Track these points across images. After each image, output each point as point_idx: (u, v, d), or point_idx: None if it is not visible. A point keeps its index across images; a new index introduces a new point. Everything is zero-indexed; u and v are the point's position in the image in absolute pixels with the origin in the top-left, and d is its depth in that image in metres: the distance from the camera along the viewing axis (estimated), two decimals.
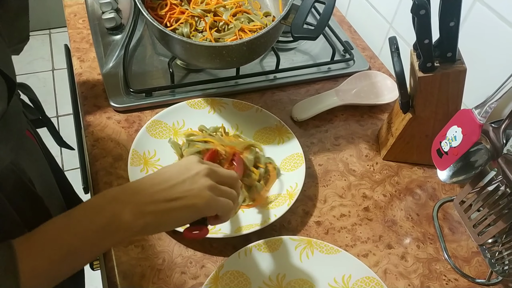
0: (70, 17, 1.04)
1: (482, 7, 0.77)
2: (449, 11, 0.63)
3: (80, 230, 0.46)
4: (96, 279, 1.12)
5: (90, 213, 0.47)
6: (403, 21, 0.99)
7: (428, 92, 0.72)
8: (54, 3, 2.45)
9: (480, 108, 0.60)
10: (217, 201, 0.52)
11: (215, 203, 0.52)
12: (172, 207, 0.49)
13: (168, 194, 0.50)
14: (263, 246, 0.66)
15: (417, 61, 0.71)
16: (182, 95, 0.88)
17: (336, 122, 0.91)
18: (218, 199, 0.52)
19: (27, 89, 0.77)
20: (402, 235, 0.74)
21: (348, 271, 0.66)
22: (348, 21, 1.17)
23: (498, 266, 0.66)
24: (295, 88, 0.96)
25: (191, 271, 0.65)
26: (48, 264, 0.44)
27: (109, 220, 0.46)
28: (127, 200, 0.48)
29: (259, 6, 0.90)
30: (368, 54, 1.07)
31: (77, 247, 0.45)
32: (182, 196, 0.50)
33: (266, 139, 0.83)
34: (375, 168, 0.83)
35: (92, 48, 0.97)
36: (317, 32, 0.73)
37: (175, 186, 0.51)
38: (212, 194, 0.52)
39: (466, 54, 0.71)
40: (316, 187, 0.79)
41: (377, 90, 0.95)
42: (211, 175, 0.53)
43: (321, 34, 0.73)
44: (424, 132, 0.78)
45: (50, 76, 2.35)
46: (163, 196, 0.50)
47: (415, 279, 0.69)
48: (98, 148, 0.79)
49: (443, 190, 0.81)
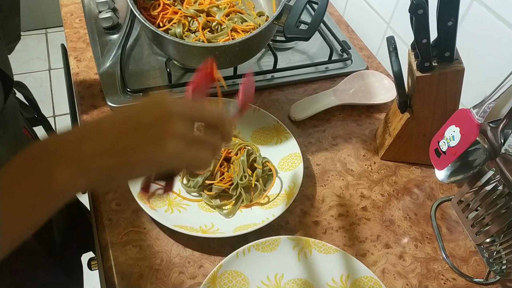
0: (66, 17, 1.04)
1: (480, 7, 0.77)
2: (447, 10, 0.63)
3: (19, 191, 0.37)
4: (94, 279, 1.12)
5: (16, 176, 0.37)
6: (400, 20, 0.99)
7: (426, 92, 0.72)
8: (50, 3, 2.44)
9: (478, 107, 0.61)
10: (184, 154, 0.40)
11: (182, 156, 0.40)
12: (124, 160, 0.38)
13: (121, 143, 0.38)
14: (261, 246, 0.66)
15: (415, 60, 0.71)
16: (179, 95, 0.88)
17: (333, 122, 0.91)
18: (187, 152, 0.40)
19: (22, 87, 0.77)
20: (400, 234, 0.74)
21: (346, 271, 0.66)
22: (346, 21, 1.17)
23: (496, 266, 0.66)
24: (293, 88, 0.96)
25: (189, 271, 0.65)
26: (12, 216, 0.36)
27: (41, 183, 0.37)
28: (62, 155, 0.37)
29: (253, 5, 0.89)
30: (365, 54, 1.07)
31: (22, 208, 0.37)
32: (138, 146, 0.38)
33: (264, 139, 0.83)
34: (373, 168, 0.83)
35: (89, 48, 0.96)
36: (309, 32, 0.73)
37: (130, 134, 0.39)
38: (179, 146, 0.39)
39: (464, 54, 0.71)
40: (314, 187, 0.79)
41: (374, 90, 0.95)
42: (184, 116, 0.40)
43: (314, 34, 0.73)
44: (422, 131, 0.78)
45: (47, 75, 2.34)
46: (113, 147, 0.38)
47: (413, 278, 0.69)
48: None
49: (441, 190, 0.81)
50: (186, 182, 0.74)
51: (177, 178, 0.43)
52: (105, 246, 0.66)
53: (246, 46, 0.76)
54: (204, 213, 0.71)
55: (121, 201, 0.72)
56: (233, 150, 0.75)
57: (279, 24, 0.75)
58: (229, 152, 0.75)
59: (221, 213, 0.71)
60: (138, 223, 0.69)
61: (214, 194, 0.72)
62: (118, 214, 0.70)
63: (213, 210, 0.72)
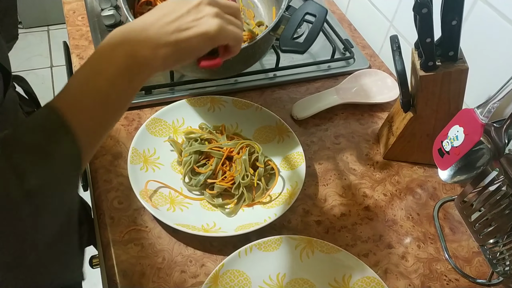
0: (69, 14, 1.04)
1: (484, 6, 0.76)
2: (451, 9, 0.63)
3: (105, 77, 0.45)
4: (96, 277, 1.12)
5: (109, 58, 0.46)
6: (403, 19, 0.99)
7: (430, 91, 0.72)
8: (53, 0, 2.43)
9: (483, 107, 0.60)
10: (227, 28, 0.52)
11: (225, 30, 0.52)
12: (185, 36, 0.49)
13: (177, 25, 0.49)
14: (263, 245, 0.66)
15: (418, 59, 0.71)
16: (181, 93, 0.87)
17: (336, 121, 0.90)
18: (227, 27, 0.52)
19: (22, 81, 0.76)
20: (402, 234, 0.74)
21: (349, 271, 0.66)
22: (348, 19, 1.17)
23: (499, 267, 0.66)
24: (295, 87, 0.96)
25: (191, 270, 0.65)
26: (90, 115, 0.44)
27: (128, 59, 0.46)
28: (138, 38, 0.47)
29: (253, 15, 0.89)
30: (368, 53, 1.07)
31: (109, 94, 0.45)
32: (192, 26, 0.50)
33: (266, 137, 0.82)
34: (375, 167, 0.83)
35: (91, 45, 0.96)
36: (304, 46, 0.71)
37: (182, 17, 0.50)
38: (222, 21, 0.51)
39: (468, 53, 0.70)
40: (316, 186, 0.78)
41: (377, 89, 0.95)
42: (213, 3, 0.52)
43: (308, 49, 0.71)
44: (425, 131, 0.78)
45: (49, 73, 2.34)
46: (173, 27, 0.49)
47: (416, 279, 0.68)
48: None
49: (443, 190, 0.81)
50: (188, 180, 0.74)
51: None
52: (107, 244, 0.66)
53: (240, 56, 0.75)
54: (206, 212, 0.71)
55: (123, 199, 0.71)
56: (235, 149, 0.75)
57: (276, 35, 0.73)
58: (231, 151, 0.74)
59: (223, 212, 0.71)
60: (140, 221, 0.69)
61: (216, 193, 0.72)
62: (120, 212, 0.70)
63: (215, 209, 0.72)
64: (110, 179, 0.74)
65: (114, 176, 0.74)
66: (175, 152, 0.77)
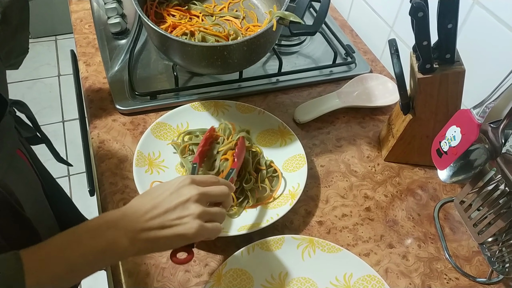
0: (76, 23, 1.06)
1: (480, 10, 0.78)
2: (447, 13, 0.64)
3: (82, 251, 0.49)
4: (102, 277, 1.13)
5: (92, 236, 0.50)
6: (403, 24, 1.00)
7: (428, 93, 0.73)
8: (60, 10, 2.48)
9: (478, 108, 0.62)
10: (206, 229, 0.54)
11: (204, 231, 0.54)
12: (163, 235, 0.52)
13: (160, 222, 0.53)
14: (265, 245, 0.67)
15: (416, 62, 0.72)
16: (186, 98, 0.89)
17: (338, 124, 0.92)
18: (206, 227, 0.55)
19: (23, 106, 0.78)
20: (403, 234, 0.75)
21: (350, 270, 0.67)
22: (350, 25, 1.18)
23: (498, 265, 0.67)
24: (298, 91, 0.98)
25: (194, 270, 0.66)
26: (51, 278, 0.47)
27: (108, 245, 0.50)
28: (125, 228, 0.51)
29: (255, 16, 0.91)
30: (369, 58, 1.08)
31: (78, 265, 0.48)
32: (173, 224, 0.53)
33: (268, 140, 0.84)
34: (376, 169, 0.84)
35: (98, 53, 0.99)
36: (315, 27, 0.74)
37: (167, 214, 0.53)
38: (201, 223, 0.54)
39: (466, 56, 0.72)
40: (318, 187, 0.80)
41: (378, 93, 0.97)
42: (201, 199, 0.55)
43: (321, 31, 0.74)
44: (424, 133, 0.79)
45: (56, 81, 2.38)
46: (156, 223, 0.52)
47: (416, 278, 0.69)
48: (103, 149, 0.80)
49: (444, 191, 0.82)
50: None
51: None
52: None
53: (253, 45, 0.77)
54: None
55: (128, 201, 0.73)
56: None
57: (284, 24, 0.76)
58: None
59: (227, 214, 0.72)
60: None
61: None
62: None
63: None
64: (116, 181, 0.76)
65: (119, 179, 0.76)
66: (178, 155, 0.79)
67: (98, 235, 0.50)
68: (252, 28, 0.87)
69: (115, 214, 0.52)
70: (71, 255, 0.48)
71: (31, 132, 0.80)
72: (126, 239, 0.50)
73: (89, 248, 0.49)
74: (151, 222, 0.52)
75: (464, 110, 0.64)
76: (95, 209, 1.43)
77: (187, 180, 0.56)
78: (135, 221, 0.52)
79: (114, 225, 0.51)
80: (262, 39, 0.77)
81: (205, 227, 0.54)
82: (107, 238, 0.50)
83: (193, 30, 0.81)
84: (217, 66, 0.79)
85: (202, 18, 0.88)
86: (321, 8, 0.76)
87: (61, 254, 0.48)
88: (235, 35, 0.80)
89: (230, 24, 0.88)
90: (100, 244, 0.49)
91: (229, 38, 0.81)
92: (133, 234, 0.51)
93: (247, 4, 0.93)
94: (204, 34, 0.80)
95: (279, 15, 0.75)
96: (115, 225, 0.51)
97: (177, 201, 0.54)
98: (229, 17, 0.89)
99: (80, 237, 0.50)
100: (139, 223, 0.52)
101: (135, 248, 0.51)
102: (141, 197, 0.55)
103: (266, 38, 0.79)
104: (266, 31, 0.75)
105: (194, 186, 0.56)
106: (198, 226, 0.53)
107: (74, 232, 0.50)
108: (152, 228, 0.52)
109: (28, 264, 0.45)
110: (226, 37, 0.81)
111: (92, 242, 0.49)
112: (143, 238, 0.52)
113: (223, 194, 0.58)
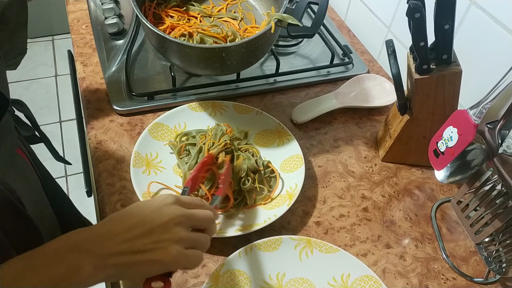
0: (73, 23, 1.06)
1: (477, 11, 0.78)
2: (444, 14, 0.64)
3: (37, 279, 0.43)
4: None
5: (49, 261, 0.44)
6: (401, 25, 1.01)
7: (425, 94, 0.73)
8: (57, 10, 2.47)
9: (475, 108, 0.62)
10: (185, 256, 0.49)
11: (182, 258, 0.49)
12: (136, 260, 0.47)
13: (135, 245, 0.47)
14: (263, 246, 0.67)
15: (413, 63, 0.72)
16: (183, 99, 0.89)
17: (335, 125, 0.92)
18: (186, 254, 0.49)
19: (22, 105, 0.78)
20: (400, 235, 0.75)
21: (347, 270, 0.67)
22: (347, 26, 1.19)
23: (495, 265, 0.67)
24: (295, 91, 0.98)
25: (192, 270, 0.66)
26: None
27: (67, 272, 0.43)
28: (89, 250, 0.45)
29: (253, 17, 0.91)
30: (366, 58, 1.08)
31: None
32: (148, 249, 0.47)
33: (266, 141, 0.84)
34: (374, 170, 0.84)
35: (95, 53, 0.98)
36: (313, 29, 0.74)
37: (144, 236, 0.47)
38: (181, 249, 0.48)
39: (462, 56, 0.72)
40: (316, 188, 0.80)
41: (375, 93, 0.97)
42: (184, 222, 0.50)
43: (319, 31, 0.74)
44: (421, 133, 0.79)
45: (53, 82, 2.37)
46: (128, 247, 0.46)
47: (414, 278, 0.70)
48: (101, 150, 0.80)
49: (441, 191, 0.82)
50: None
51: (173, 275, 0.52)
52: None
53: (252, 47, 0.77)
54: None
55: (126, 202, 0.73)
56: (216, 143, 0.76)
57: (282, 26, 0.76)
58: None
59: (224, 214, 0.72)
60: None
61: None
62: None
63: None
64: (113, 182, 0.76)
65: (117, 180, 0.76)
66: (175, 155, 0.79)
67: (57, 260, 0.44)
68: (250, 29, 0.87)
69: (81, 235, 0.46)
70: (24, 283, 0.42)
71: (29, 131, 0.80)
72: (90, 264, 0.44)
73: (45, 276, 0.43)
74: (123, 246, 0.46)
75: (461, 111, 0.64)
76: (93, 209, 1.43)
77: (170, 198, 0.51)
78: (104, 243, 0.46)
79: (76, 248, 0.45)
80: (261, 41, 0.78)
81: (184, 254, 0.49)
82: (67, 263, 0.44)
83: (191, 31, 0.81)
84: (215, 67, 0.79)
85: (200, 19, 0.88)
86: (319, 10, 0.76)
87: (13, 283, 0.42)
88: (233, 36, 0.80)
89: (228, 25, 0.88)
90: (58, 271, 0.43)
91: (227, 39, 0.81)
92: (100, 259, 0.45)
93: (245, 6, 0.93)
94: (203, 35, 0.80)
95: (278, 17, 0.76)
96: (78, 248, 0.45)
97: (157, 221, 0.48)
98: (227, 19, 0.89)
99: (35, 263, 0.43)
100: (109, 246, 0.46)
101: (101, 275, 0.45)
102: (117, 214, 0.50)
103: (265, 40, 0.79)
104: (265, 33, 0.75)
105: (178, 206, 0.51)
106: (176, 252, 0.48)
107: (30, 257, 0.44)
108: (124, 252, 0.46)
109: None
110: (224, 39, 0.81)
111: (49, 268, 0.43)
112: (111, 264, 0.45)
113: (208, 218, 0.53)
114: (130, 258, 0.46)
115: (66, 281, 0.43)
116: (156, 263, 0.47)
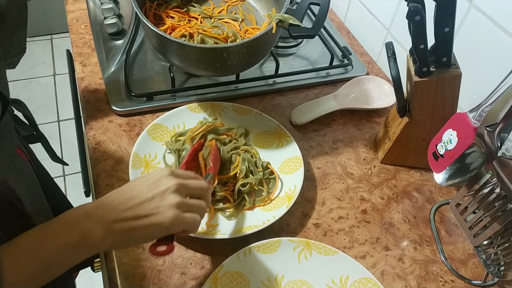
0: (72, 23, 1.06)
1: (477, 13, 0.78)
2: (444, 17, 0.64)
3: (54, 244, 0.48)
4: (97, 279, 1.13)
5: (64, 228, 0.49)
6: (400, 27, 1.01)
7: (424, 96, 0.73)
8: (56, 9, 2.47)
9: (475, 111, 0.62)
10: (183, 218, 0.53)
11: (180, 220, 0.53)
12: (139, 225, 0.51)
13: (137, 211, 0.52)
14: (262, 248, 0.67)
15: (413, 66, 0.72)
16: (182, 99, 0.89)
17: (334, 126, 0.92)
18: (184, 216, 0.53)
19: (21, 105, 0.78)
20: (399, 237, 0.75)
21: (346, 272, 0.67)
22: (347, 27, 1.19)
23: (493, 267, 0.67)
24: (294, 93, 0.98)
25: (191, 272, 0.66)
26: (26, 274, 0.47)
27: (81, 237, 0.49)
28: (98, 219, 0.50)
29: (254, 19, 0.91)
30: (366, 60, 1.08)
31: (51, 259, 0.48)
32: (149, 214, 0.52)
33: (265, 142, 0.84)
34: (373, 171, 0.84)
35: (94, 53, 0.98)
36: (314, 30, 0.74)
37: (144, 204, 0.52)
38: (179, 212, 0.53)
39: (462, 59, 0.72)
40: (315, 189, 0.80)
41: (375, 95, 0.97)
42: (180, 190, 0.55)
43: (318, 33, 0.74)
44: (420, 135, 0.79)
45: (52, 81, 2.37)
46: (132, 213, 0.51)
47: (412, 280, 0.70)
48: (99, 151, 0.80)
49: (440, 193, 0.82)
50: None
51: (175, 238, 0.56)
52: None
53: (252, 48, 0.77)
54: (206, 214, 0.72)
55: None
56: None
57: (283, 26, 0.76)
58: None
59: (223, 215, 0.72)
60: None
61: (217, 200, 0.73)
62: None
63: (215, 212, 0.73)
64: (112, 183, 0.75)
65: (116, 181, 0.76)
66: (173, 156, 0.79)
67: (70, 228, 0.49)
68: (251, 30, 0.87)
69: (89, 206, 0.51)
70: (42, 249, 0.47)
71: (28, 131, 0.79)
72: (99, 230, 0.49)
73: (60, 243, 0.48)
74: (127, 213, 0.51)
75: (461, 114, 0.64)
76: None
77: (165, 171, 0.56)
78: (110, 211, 0.51)
79: (86, 216, 0.50)
80: (262, 41, 0.78)
81: (182, 217, 0.53)
82: (79, 230, 0.49)
83: (192, 32, 0.81)
84: (215, 68, 0.79)
85: (201, 20, 0.88)
86: (320, 11, 0.76)
87: (33, 249, 0.47)
88: (234, 37, 0.80)
89: (229, 26, 0.88)
90: (72, 238, 0.48)
91: (228, 40, 0.81)
92: (107, 225, 0.50)
93: (246, 7, 0.93)
94: (203, 36, 0.80)
95: (279, 17, 0.76)
96: (88, 217, 0.50)
97: (154, 191, 0.53)
98: (228, 20, 0.89)
99: (51, 231, 0.49)
100: (114, 213, 0.51)
101: (110, 240, 0.50)
102: (119, 189, 0.55)
103: (266, 41, 0.79)
104: (266, 33, 0.75)
105: (173, 177, 0.55)
106: (175, 215, 0.52)
107: (46, 227, 0.49)
108: (127, 218, 0.51)
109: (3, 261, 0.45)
110: (225, 39, 0.80)
111: (63, 236, 0.48)
112: (117, 229, 0.50)
113: (202, 187, 0.58)
114: (132, 223, 0.51)
115: (79, 247, 0.49)
116: (156, 226, 0.52)
